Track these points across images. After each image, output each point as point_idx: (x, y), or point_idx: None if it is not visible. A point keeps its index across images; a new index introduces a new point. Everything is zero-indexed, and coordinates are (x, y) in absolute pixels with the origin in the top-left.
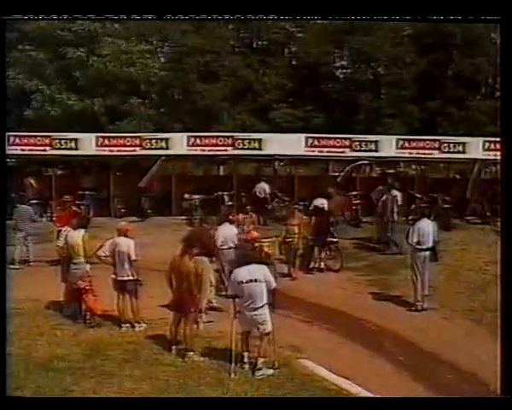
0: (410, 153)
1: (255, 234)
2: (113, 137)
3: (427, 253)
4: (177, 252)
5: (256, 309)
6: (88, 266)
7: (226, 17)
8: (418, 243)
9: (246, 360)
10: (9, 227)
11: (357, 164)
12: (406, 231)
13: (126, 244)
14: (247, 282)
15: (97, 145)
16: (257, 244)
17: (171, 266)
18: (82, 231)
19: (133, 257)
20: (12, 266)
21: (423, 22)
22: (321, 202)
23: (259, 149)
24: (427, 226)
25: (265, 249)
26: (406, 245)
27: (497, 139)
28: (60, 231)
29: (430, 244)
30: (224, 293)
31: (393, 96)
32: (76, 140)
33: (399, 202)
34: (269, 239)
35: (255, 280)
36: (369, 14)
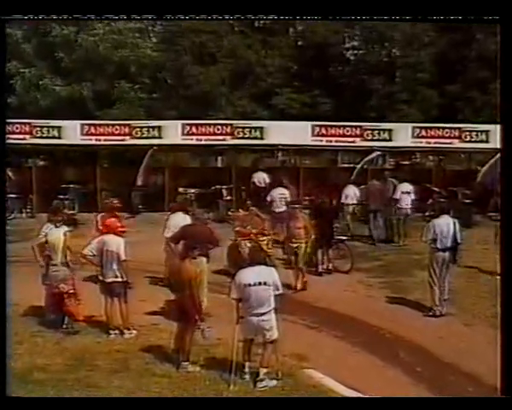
0: (428, 142)
1: (251, 230)
2: (101, 125)
3: (447, 254)
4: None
5: (263, 314)
6: (69, 268)
7: (226, 17)
8: (434, 241)
9: (247, 370)
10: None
11: (371, 157)
12: (424, 228)
13: (115, 243)
14: (254, 285)
15: (83, 134)
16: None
17: (170, 271)
18: (64, 229)
19: (123, 257)
20: None
21: (424, 22)
22: (281, 192)
23: (261, 138)
24: (445, 224)
25: (264, 248)
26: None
27: None
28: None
29: (449, 244)
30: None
31: (409, 80)
32: (59, 128)
33: (413, 197)
34: (267, 237)
35: (264, 283)
36: (370, 14)
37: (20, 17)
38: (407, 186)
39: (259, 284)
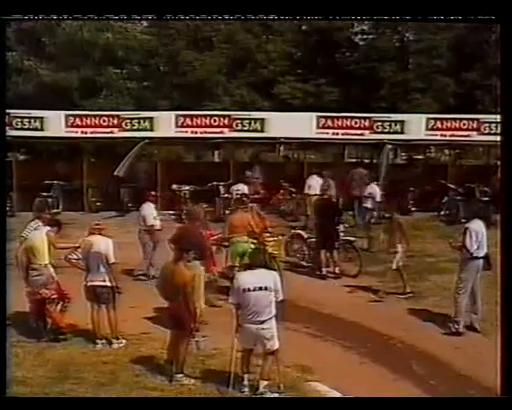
0: (443, 135)
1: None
2: (87, 116)
3: (481, 261)
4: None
5: (263, 322)
6: (52, 271)
7: (226, 17)
8: (475, 249)
9: (246, 382)
10: None
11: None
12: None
13: (103, 244)
14: (254, 290)
15: (67, 125)
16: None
17: (162, 275)
18: (45, 230)
19: (111, 260)
20: None
21: (424, 22)
22: (238, 188)
23: (262, 130)
24: (480, 228)
25: (270, 250)
26: None
27: None
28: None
29: (485, 250)
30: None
31: (424, 67)
32: (41, 119)
33: (378, 199)
34: (273, 238)
35: (265, 288)
36: (370, 14)
37: (20, 17)
38: (373, 188)
39: (260, 288)
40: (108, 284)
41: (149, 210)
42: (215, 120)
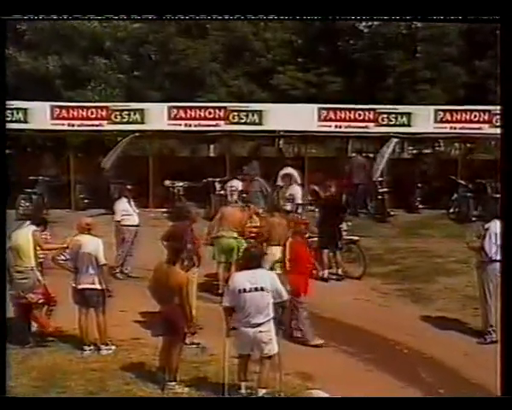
0: (453, 128)
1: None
2: (74, 108)
3: (498, 264)
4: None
5: (260, 325)
6: (38, 274)
7: (226, 17)
8: (493, 250)
9: (243, 390)
10: None
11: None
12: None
13: (93, 244)
14: (250, 290)
15: (53, 117)
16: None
17: (155, 277)
18: (30, 229)
19: (102, 261)
20: None
21: (424, 22)
22: (232, 185)
23: (260, 123)
24: (498, 229)
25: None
26: None
27: None
28: None
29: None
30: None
31: (432, 55)
32: (25, 110)
33: (298, 200)
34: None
35: (261, 289)
36: (370, 14)
37: (20, 17)
38: (295, 189)
39: (256, 289)
40: (98, 286)
41: (121, 205)
42: (210, 112)
